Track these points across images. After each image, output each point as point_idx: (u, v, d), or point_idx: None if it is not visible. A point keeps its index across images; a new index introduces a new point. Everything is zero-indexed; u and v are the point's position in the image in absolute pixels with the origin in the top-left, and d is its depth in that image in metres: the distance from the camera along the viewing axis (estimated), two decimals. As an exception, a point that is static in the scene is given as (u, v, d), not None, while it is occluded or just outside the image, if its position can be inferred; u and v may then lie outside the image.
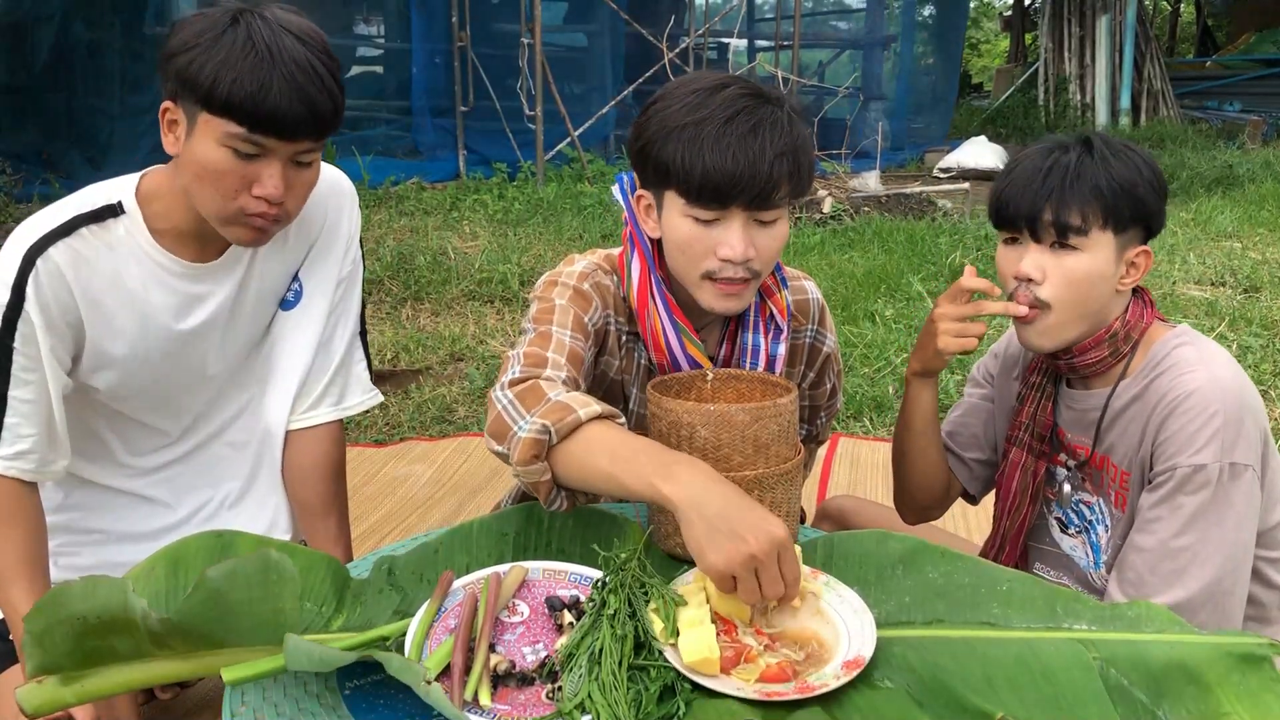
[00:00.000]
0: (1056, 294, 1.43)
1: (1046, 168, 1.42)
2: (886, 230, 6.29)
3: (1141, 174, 1.42)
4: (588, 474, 1.24)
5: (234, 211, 1.40)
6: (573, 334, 1.45)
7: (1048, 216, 1.41)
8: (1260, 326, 4.39)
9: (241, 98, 1.30)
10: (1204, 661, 1.08)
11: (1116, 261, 1.43)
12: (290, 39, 1.34)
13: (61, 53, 7.15)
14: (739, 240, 1.39)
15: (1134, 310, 1.48)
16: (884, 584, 1.29)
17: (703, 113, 1.37)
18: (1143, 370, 1.46)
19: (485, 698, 1.06)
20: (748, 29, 11.64)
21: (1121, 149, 1.44)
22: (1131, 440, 1.46)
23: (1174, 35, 19.04)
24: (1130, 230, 1.43)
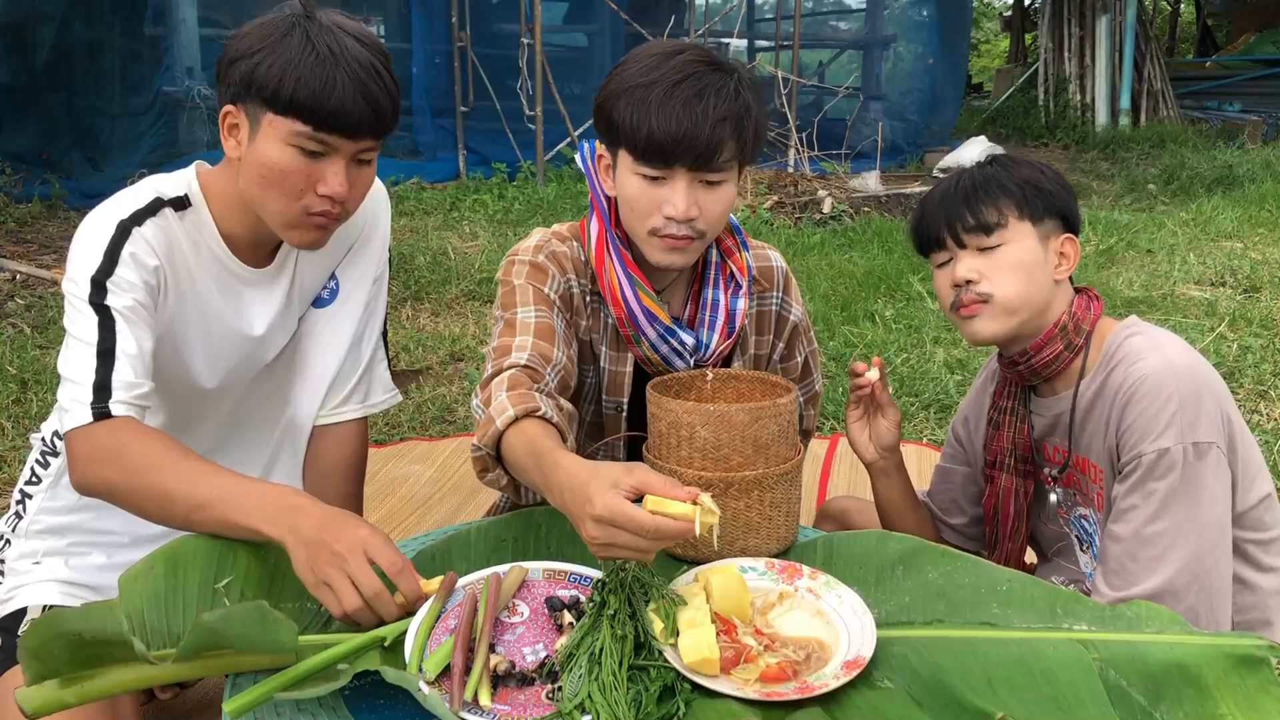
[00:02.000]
0: (995, 284, 1.51)
1: (953, 186, 1.55)
2: (886, 230, 6.29)
3: (1044, 174, 1.54)
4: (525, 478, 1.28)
5: (298, 212, 1.41)
6: (536, 309, 1.52)
7: (967, 220, 1.51)
8: (1260, 326, 4.39)
9: (306, 95, 1.33)
10: (1202, 663, 1.08)
11: (1044, 249, 1.52)
12: (350, 40, 1.37)
13: (61, 53, 7.15)
14: (682, 199, 1.46)
15: (1080, 304, 1.55)
16: (884, 584, 1.29)
17: (654, 75, 1.45)
18: (1100, 365, 1.51)
19: (485, 698, 1.06)
20: (748, 29, 11.65)
21: (1022, 161, 1.58)
22: (1099, 435, 1.50)
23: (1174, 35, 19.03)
24: (1047, 220, 1.52)
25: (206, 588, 1.19)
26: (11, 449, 3.10)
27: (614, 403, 1.67)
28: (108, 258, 1.37)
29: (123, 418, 1.34)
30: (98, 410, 1.33)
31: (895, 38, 11.58)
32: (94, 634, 1.02)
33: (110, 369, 1.34)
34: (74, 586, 1.53)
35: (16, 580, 1.54)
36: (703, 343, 1.63)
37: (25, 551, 1.56)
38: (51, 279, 4.93)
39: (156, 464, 1.29)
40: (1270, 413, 3.51)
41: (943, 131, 11.26)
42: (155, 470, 1.29)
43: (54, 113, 7.21)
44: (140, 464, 1.30)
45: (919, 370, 3.92)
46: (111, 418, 1.33)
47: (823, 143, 8.98)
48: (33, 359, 3.79)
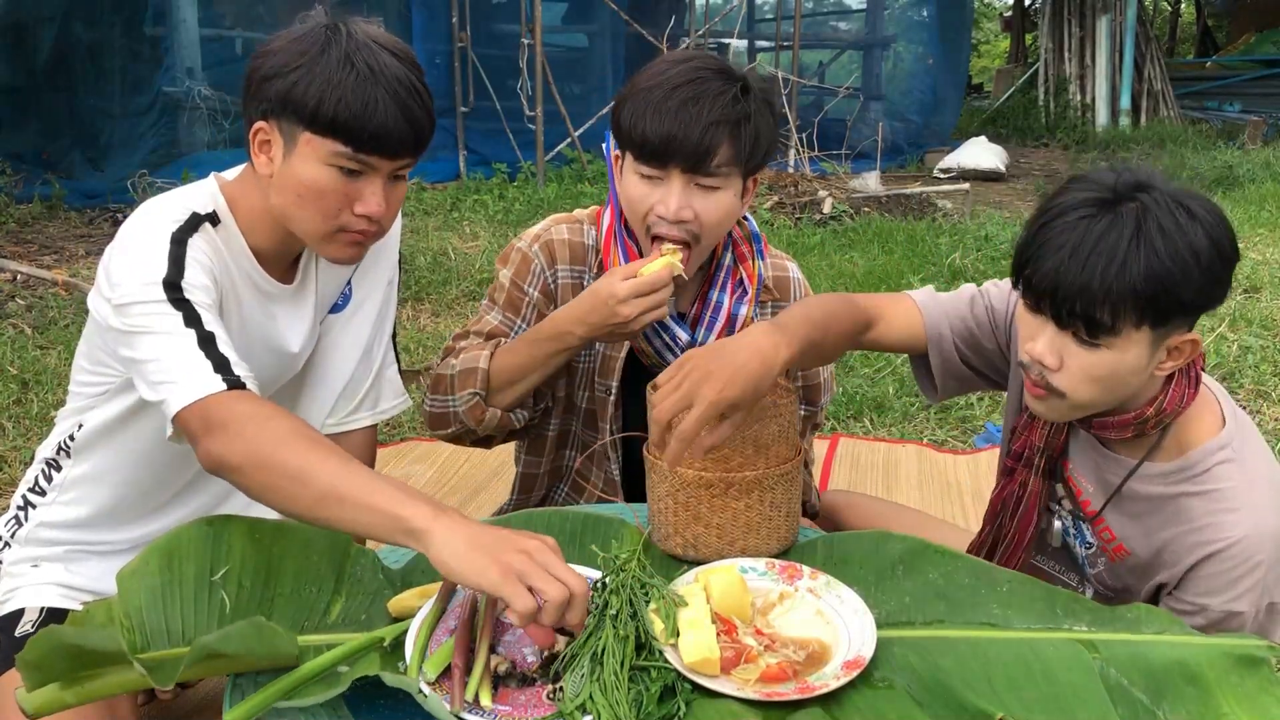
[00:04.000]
0: (1073, 387, 1.26)
1: (1079, 243, 1.19)
2: (887, 231, 6.29)
3: (1198, 258, 1.17)
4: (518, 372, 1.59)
5: (333, 230, 1.38)
6: (504, 314, 1.69)
7: (1072, 306, 1.20)
8: (1260, 327, 4.39)
9: (348, 117, 1.30)
10: (1203, 662, 1.08)
11: (1151, 354, 1.24)
12: (387, 55, 1.34)
13: (62, 53, 7.15)
14: (674, 199, 1.50)
15: (1174, 394, 1.30)
16: (884, 584, 1.29)
17: (659, 79, 1.50)
18: (1182, 471, 1.31)
19: (486, 698, 1.06)
20: (748, 29, 11.64)
21: (1179, 221, 1.18)
22: (1148, 541, 1.35)
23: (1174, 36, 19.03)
24: (1174, 321, 1.21)
25: (203, 580, 1.18)
26: (12, 449, 3.10)
27: (605, 385, 1.70)
28: (174, 264, 1.32)
29: (252, 393, 1.27)
30: (230, 380, 1.25)
31: (895, 38, 11.57)
32: (93, 647, 1.02)
33: (219, 350, 1.29)
34: (72, 589, 1.53)
35: (15, 582, 1.54)
36: (698, 341, 1.66)
37: (23, 556, 1.55)
38: (52, 279, 4.93)
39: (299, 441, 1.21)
40: (1271, 413, 3.51)
41: (943, 132, 11.26)
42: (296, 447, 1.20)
43: (54, 113, 7.21)
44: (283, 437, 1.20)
45: (919, 370, 3.91)
46: (244, 389, 1.26)
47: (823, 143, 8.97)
48: (33, 359, 3.79)
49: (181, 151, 7.29)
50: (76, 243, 5.84)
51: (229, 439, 1.21)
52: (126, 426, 1.49)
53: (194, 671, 1.08)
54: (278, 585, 1.23)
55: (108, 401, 1.48)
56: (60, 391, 3.51)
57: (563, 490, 1.88)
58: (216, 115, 7.31)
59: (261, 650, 1.08)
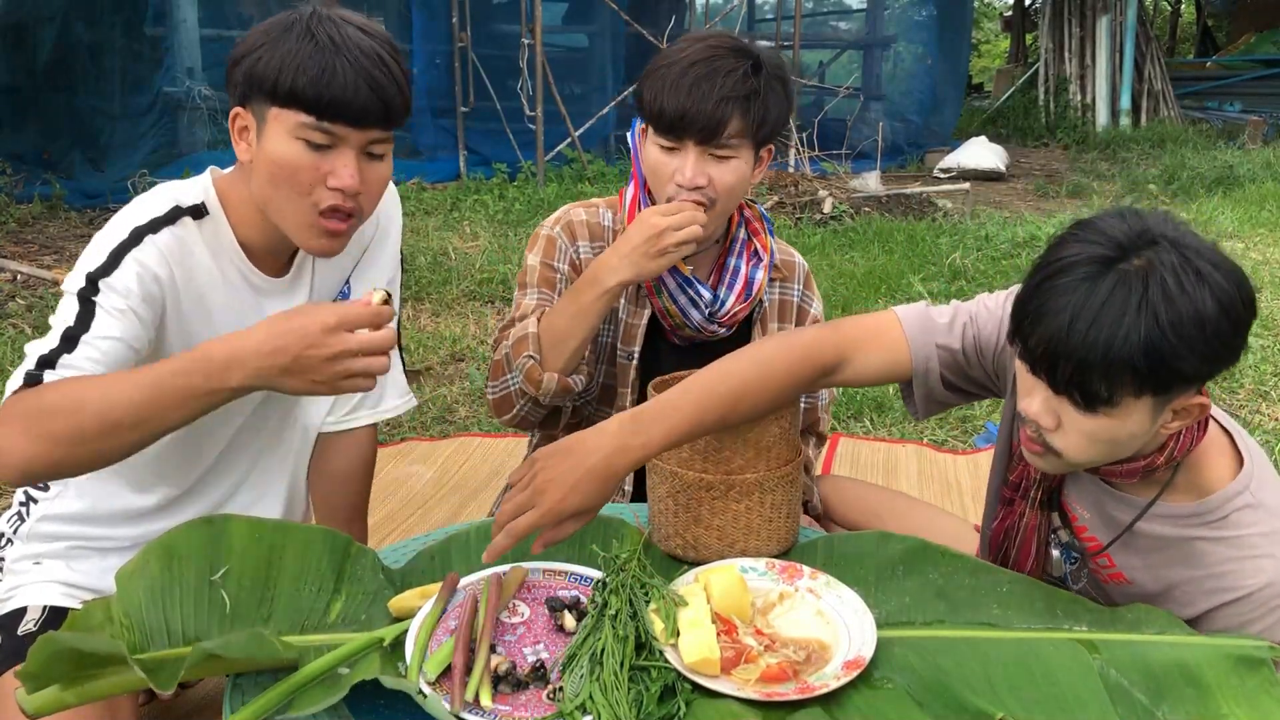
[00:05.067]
0: (1070, 448, 1.19)
1: (1078, 308, 1.11)
2: (887, 231, 6.29)
3: (1204, 326, 1.08)
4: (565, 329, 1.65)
5: (309, 211, 1.37)
6: (539, 291, 1.77)
7: (1069, 375, 1.12)
8: (1260, 327, 4.39)
9: (305, 84, 1.31)
10: (1203, 663, 1.08)
11: (1154, 419, 1.16)
12: (353, 30, 1.35)
13: (62, 53, 7.14)
14: (690, 168, 1.62)
15: (1183, 442, 1.22)
16: (884, 584, 1.29)
17: (677, 57, 1.62)
18: (1192, 515, 1.25)
19: (486, 698, 1.06)
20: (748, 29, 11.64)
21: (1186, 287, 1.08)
22: (1153, 576, 1.30)
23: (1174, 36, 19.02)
24: (1177, 387, 1.13)
25: (203, 579, 1.18)
26: (12, 449, 3.10)
27: (626, 352, 1.80)
28: (110, 259, 1.34)
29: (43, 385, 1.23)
30: (31, 376, 1.23)
31: (895, 38, 11.57)
32: (92, 650, 1.02)
33: (69, 349, 1.27)
34: (74, 588, 1.53)
35: (16, 580, 1.54)
36: (719, 299, 1.77)
37: (26, 553, 1.55)
38: (52, 279, 4.93)
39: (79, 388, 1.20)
40: (1271, 413, 3.51)
41: (943, 132, 11.25)
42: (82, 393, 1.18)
43: (55, 113, 7.21)
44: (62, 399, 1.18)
45: (919, 370, 3.91)
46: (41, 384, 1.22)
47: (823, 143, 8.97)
48: (33, 359, 3.79)
49: (182, 151, 7.29)
50: (76, 243, 5.84)
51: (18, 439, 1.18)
52: None
53: (194, 672, 1.08)
54: (277, 585, 1.22)
55: None
56: (60, 391, 3.50)
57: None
58: (217, 115, 7.31)
59: (261, 657, 1.08)
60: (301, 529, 1.28)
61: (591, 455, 1.23)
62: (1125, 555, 1.32)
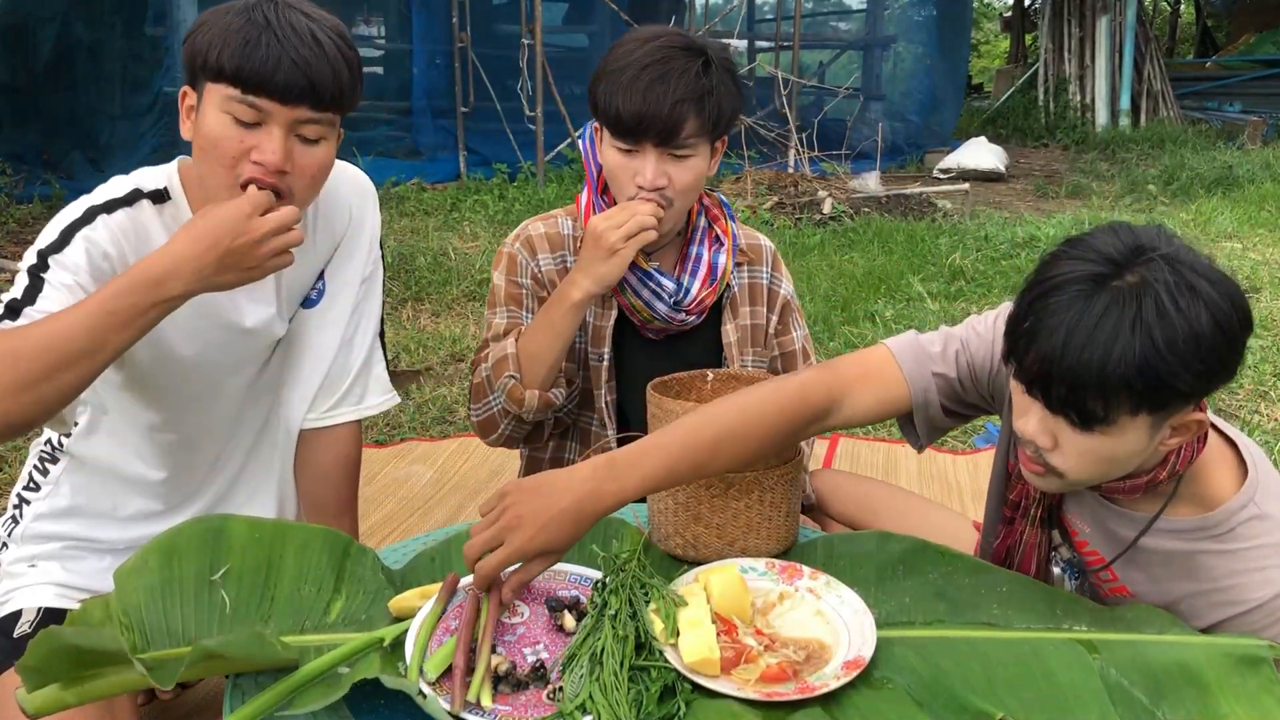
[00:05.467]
0: (1070, 467, 1.18)
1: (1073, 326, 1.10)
2: (887, 231, 6.29)
3: (1199, 343, 1.07)
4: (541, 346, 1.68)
5: (233, 186, 1.37)
6: (507, 310, 1.81)
7: (1064, 395, 1.12)
8: (1260, 327, 4.39)
9: (229, 55, 1.32)
10: (1204, 663, 1.08)
11: (1152, 435, 1.15)
12: (297, 15, 1.36)
13: (62, 53, 7.14)
14: (650, 169, 1.64)
15: (1184, 455, 1.22)
16: (884, 584, 1.29)
17: (628, 60, 1.62)
18: (1196, 529, 1.24)
19: (486, 698, 1.06)
20: (748, 29, 11.64)
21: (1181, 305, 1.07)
22: (1157, 590, 1.28)
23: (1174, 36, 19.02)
24: (1173, 406, 1.13)
25: (202, 579, 1.19)
26: (12, 449, 3.10)
27: (597, 354, 1.81)
28: (62, 237, 1.36)
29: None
30: None
31: (895, 38, 11.57)
32: (92, 646, 1.02)
33: (11, 320, 1.29)
34: (70, 589, 1.53)
35: (13, 583, 1.54)
36: (683, 287, 1.77)
37: (21, 555, 1.55)
38: (52, 279, 4.92)
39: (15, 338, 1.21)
40: (1270, 413, 3.51)
41: (943, 132, 11.26)
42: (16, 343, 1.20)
43: (55, 113, 7.21)
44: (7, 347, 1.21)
45: (919, 371, 3.91)
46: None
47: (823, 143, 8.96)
48: (33, 359, 3.79)
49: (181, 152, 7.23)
50: (76, 243, 5.84)
51: None
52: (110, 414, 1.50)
53: (194, 671, 1.08)
54: (277, 585, 1.22)
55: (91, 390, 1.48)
56: (60, 392, 3.50)
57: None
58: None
59: (261, 657, 1.08)
60: (301, 528, 1.28)
61: (564, 498, 1.18)
62: (1128, 570, 1.30)
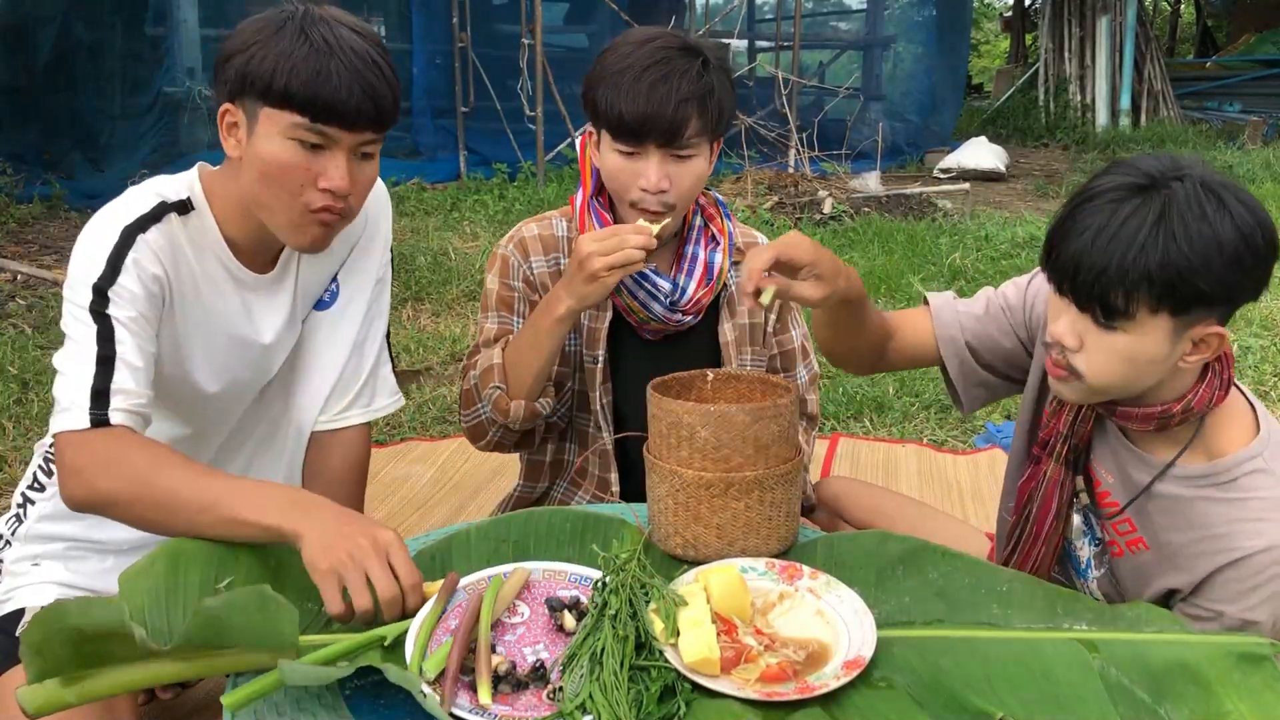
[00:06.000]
0: (1091, 369, 1.25)
1: (1102, 226, 1.18)
2: (887, 231, 6.29)
3: (1221, 249, 1.14)
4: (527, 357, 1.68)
5: (299, 210, 1.38)
6: (498, 314, 1.81)
7: (1090, 288, 1.19)
8: (1260, 327, 4.39)
9: (299, 86, 1.31)
10: (1205, 661, 1.08)
11: (1174, 343, 1.21)
12: (346, 31, 1.35)
13: (62, 53, 7.15)
14: (654, 172, 1.63)
15: (1203, 393, 1.27)
16: (884, 584, 1.29)
17: (628, 62, 1.62)
18: (1204, 475, 1.29)
19: (486, 698, 1.06)
20: (748, 29, 11.64)
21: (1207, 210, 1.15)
22: (1170, 538, 1.33)
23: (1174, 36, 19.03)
24: (1195, 312, 1.19)
25: (208, 587, 1.19)
26: (12, 449, 3.10)
27: (592, 356, 1.80)
28: (110, 266, 1.34)
29: (120, 428, 1.30)
30: (96, 417, 1.29)
31: (895, 38, 11.57)
32: (95, 628, 1.02)
33: (110, 376, 1.31)
34: (72, 588, 1.53)
35: (15, 581, 1.54)
36: (680, 287, 1.77)
37: (24, 554, 1.55)
38: (52, 279, 4.93)
39: (158, 469, 1.26)
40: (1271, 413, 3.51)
41: (943, 132, 11.26)
42: (157, 475, 1.25)
43: (55, 113, 7.21)
44: (142, 471, 1.26)
45: (919, 370, 3.92)
46: (109, 426, 1.29)
47: (823, 143, 8.97)
48: (33, 359, 3.79)
49: (182, 152, 7.28)
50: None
51: (95, 475, 1.27)
52: None
53: (194, 669, 1.08)
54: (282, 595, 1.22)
55: None
56: (60, 392, 3.51)
57: (562, 486, 1.90)
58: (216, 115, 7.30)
59: (263, 625, 1.07)
60: None
61: None
62: (1141, 519, 1.36)
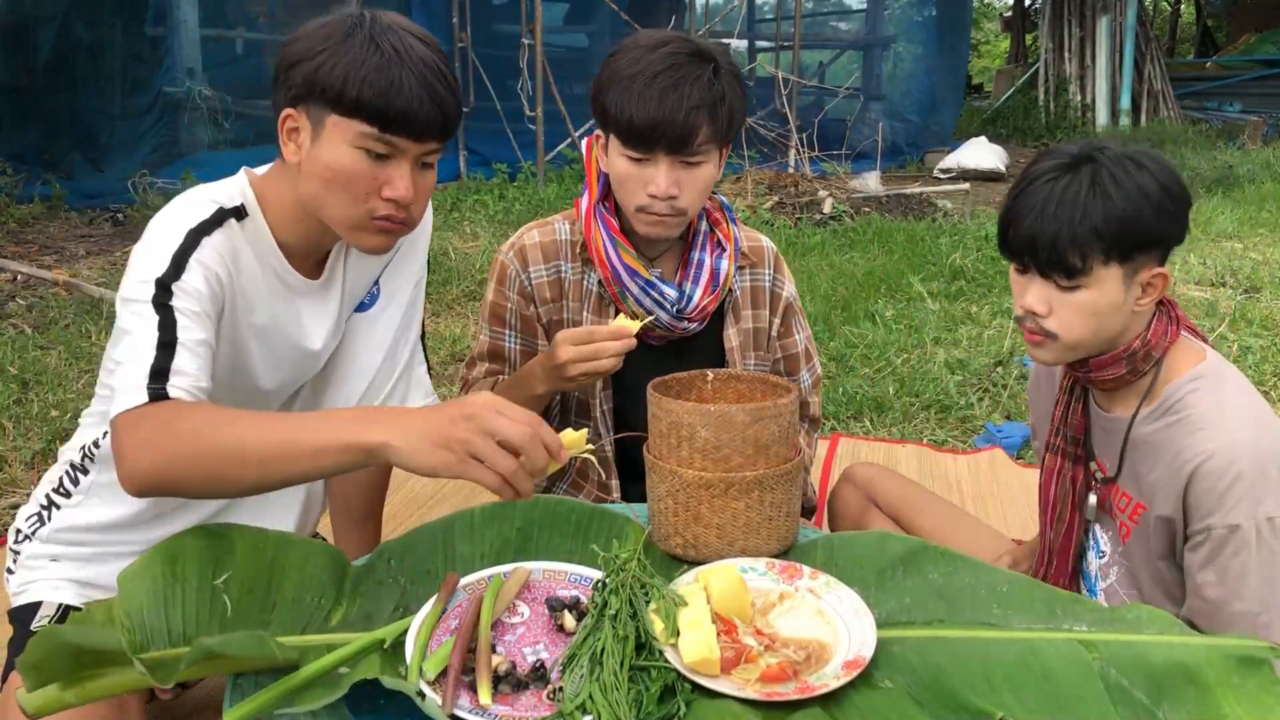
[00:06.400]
0: (1063, 327, 1.41)
1: (1045, 200, 1.38)
2: (887, 231, 6.29)
3: (1149, 199, 1.35)
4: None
5: (363, 216, 1.37)
6: (491, 328, 1.83)
7: (1046, 255, 1.38)
8: (1261, 327, 4.39)
9: (372, 96, 1.30)
10: (1204, 663, 1.08)
11: (1126, 289, 1.39)
12: (413, 39, 1.34)
13: (62, 53, 7.15)
14: (664, 178, 1.62)
15: (1157, 328, 1.44)
16: (884, 584, 1.29)
17: (639, 67, 1.59)
18: (1160, 407, 1.43)
19: (486, 698, 1.06)
20: (748, 29, 11.65)
21: (1129, 170, 1.37)
22: (1150, 484, 1.44)
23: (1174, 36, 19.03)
24: (1139, 256, 1.38)
25: (205, 584, 1.18)
26: (12, 449, 3.10)
27: None
28: (175, 264, 1.32)
29: (171, 400, 1.23)
30: (154, 392, 1.22)
31: (895, 38, 11.57)
32: (93, 646, 1.02)
33: (170, 358, 1.26)
34: (89, 586, 1.52)
35: (31, 575, 1.52)
36: (686, 295, 1.77)
37: (43, 552, 1.54)
38: (52, 279, 4.93)
39: (219, 424, 1.19)
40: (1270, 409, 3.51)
41: (943, 132, 11.26)
42: (219, 429, 1.18)
43: (55, 113, 7.21)
44: (202, 428, 1.18)
45: (919, 370, 3.92)
46: (167, 399, 1.23)
47: (823, 143, 8.98)
48: (33, 359, 3.79)
49: (182, 152, 7.29)
50: (76, 243, 5.85)
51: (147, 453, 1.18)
52: None
53: (194, 671, 1.07)
54: (279, 592, 1.23)
55: None
56: (61, 391, 3.51)
57: (562, 489, 1.91)
58: (217, 115, 7.31)
59: (261, 658, 1.08)
60: (303, 543, 1.28)
61: None
62: (1131, 478, 1.48)
